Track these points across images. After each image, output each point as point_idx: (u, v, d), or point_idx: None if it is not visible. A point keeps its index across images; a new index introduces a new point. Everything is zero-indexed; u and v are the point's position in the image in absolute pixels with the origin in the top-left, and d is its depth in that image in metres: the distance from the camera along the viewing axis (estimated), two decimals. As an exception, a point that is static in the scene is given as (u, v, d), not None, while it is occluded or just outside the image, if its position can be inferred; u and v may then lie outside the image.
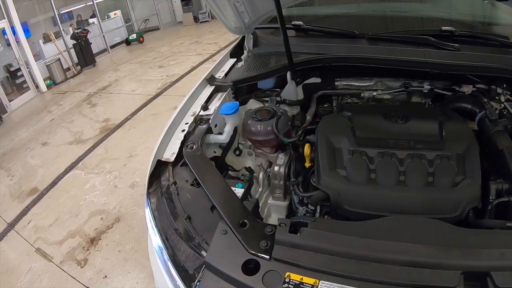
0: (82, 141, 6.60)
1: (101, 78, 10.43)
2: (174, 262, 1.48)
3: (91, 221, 4.42)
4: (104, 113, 7.68)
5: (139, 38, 14.20)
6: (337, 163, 1.84)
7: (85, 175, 5.45)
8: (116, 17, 14.86)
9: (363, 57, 2.37)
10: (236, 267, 1.27)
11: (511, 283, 1.21)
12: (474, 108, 2.27)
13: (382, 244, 1.32)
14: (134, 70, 10.62)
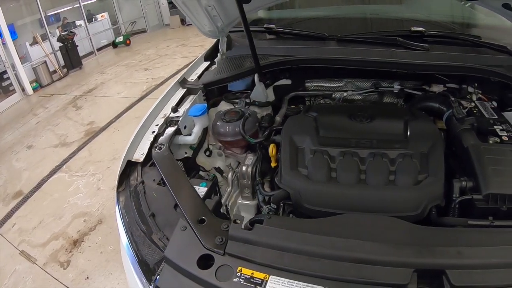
0: (66, 144, 6.60)
1: (87, 80, 10.40)
2: (138, 257, 1.51)
3: (74, 223, 4.45)
4: (89, 116, 7.68)
5: (125, 41, 14.14)
6: (299, 163, 1.88)
7: (69, 178, 5.46)
8: (103, 20, 14.78)
9: (330, 59, 2.41)
10: (192, 262, 1.31)
11: (467, 281, 1.22)
12: (442, 107, 2.31)
13: (332, 240, 1.35)
14: (120, 73, 10.61)
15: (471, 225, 1.62)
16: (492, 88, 2.47)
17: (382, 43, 2.50)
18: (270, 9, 3.56)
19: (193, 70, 2.80)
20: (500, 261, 1.29)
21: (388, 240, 1.38)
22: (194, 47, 12.02)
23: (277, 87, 2.64)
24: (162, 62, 10.87)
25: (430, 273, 1.27)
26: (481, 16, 3.12)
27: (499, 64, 2.33)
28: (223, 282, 1.25)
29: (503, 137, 1.99)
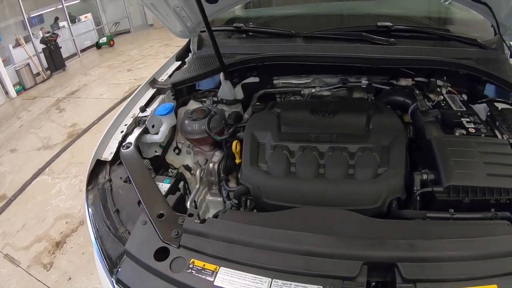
0: (49, 146, 6.62)
1: (70, 82, 10.37)
2: (102, 251, 1.57)
3: (56, 225, 4.49)
4: (72, 118, 7.69)
5: (109, 42, 14.08)
6: (259, 158, 1.92)
7: (51, 180, 5.49)
8: (86, 20, 14.70)
9: (293, 55, 2.44)
10: (149, 254, 1.37)
11: (419, 274, 1.24)
12: (407, 101, 2.33)
13: (281, 233, 1.38)
14: (103, 74, 10.58)
15: (430, 218, 1.64)
16: (461, 81, 2.50)
17: (347, 39, 2.52)
18: (247, 8, 3.59)
19: (164, 70, 2.83)
20: (455, 254, 1.30)
21: (339, 233, 1.41)
22: (177, 47, 11.67)
23: (246, 85, 2.67)
24: (145, 63, 10.87)
25: (382, 266, 1.28)
26: (456, 11, 3.15)
27: (468, 57, 2.35)
28: (177, 273, 1.31)
29: (469, 129, 2.00)
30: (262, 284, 1.24)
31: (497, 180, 1.65)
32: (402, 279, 1.23)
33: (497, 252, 1.31)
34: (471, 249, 1.32)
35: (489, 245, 1.34)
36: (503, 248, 1.32)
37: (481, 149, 1.79)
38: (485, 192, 1.65)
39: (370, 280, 1.28)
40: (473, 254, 1.30)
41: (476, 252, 1.31)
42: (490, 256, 1.29)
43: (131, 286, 1.38)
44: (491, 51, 2.51)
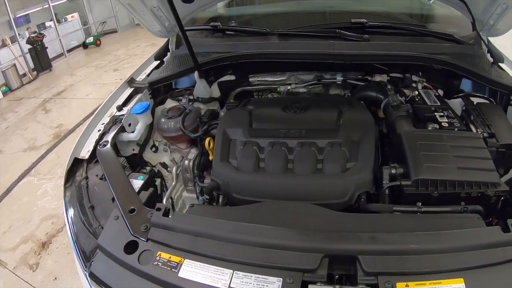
0: (35, 147, 6.63)
1: (57, 83, 10.35)
2: (77, 246, 1.62)
3: (42, 225, 4.52)
4: (57, 119, 7.70)
5: (96, 41, 14.02)
6: (230, 154, 1.96)
7: (37, 181, 5.51)
8: (73, 20, 14.61)
9: (267, 53, 2.48)
10: (119, 248, 1.43)
11: (380, 267, 1.25)
12: (379, 96, 2.36)
13: (242, 226, 1.43)
14: (90, 74, 10.58)
15: (396, 211, 1.66)
16: (437, 77, 2.53)
17: (322, 36, 2.55)
18: (229, 6, 3.63)
19: (143, 69, 2.87)
20: (418, 247, 1.31)
21: (301, 226, 1.44)
22: (164, 47, 11.92)
23: (222, 83, 2.71)
24: (132, 62, 10.80)
25: (344, 259, 1.31)
26: (436, 7, 3.21)
27: (443, 52, 2.39)
28: (144, 266, 1.36)
29: (442, 123, 2.04)
30: (224, 276, 1.28)
31: (468, 174, 1.67)
32: (363, 272, 1.25)
33: (464, 245, 1.33)
34: (436, 242, 1.34)
35: (456, 238, 1.35)
36: (471, 242, 1.34)
37: (453, 143, 1.81)
38: (455, 186, 1.66)
39: (333, 273, 1.30)
40: (438, 247, 1.32)
41: (441, 245, 1.33)
42: (457, 250, 1.31)
43: (102, 278, 1.43)
44: (467, 46, 2.54)
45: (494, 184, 1.66)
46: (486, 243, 1.33)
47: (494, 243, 1.33)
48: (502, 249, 1.31)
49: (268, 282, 1.25)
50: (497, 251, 1.31)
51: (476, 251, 1.31)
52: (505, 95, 2.27)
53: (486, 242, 1.33)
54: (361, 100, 2.41)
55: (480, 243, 1.33)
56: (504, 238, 1.34)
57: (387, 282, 1.22)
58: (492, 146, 1.89)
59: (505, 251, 1.31)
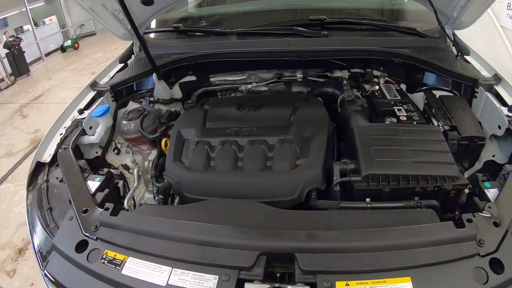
0: (12, 153, 6.61)
1: (35, 87, 10.28)
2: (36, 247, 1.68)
3: (19, 232, 4.53)
4: (34, 124, 7.67)
5: (74, 44, 13.91)
6: (183, 154, 1.99)
7: (14, 188, 5.52)
8: (51, 23, 14.46)
9: (224, 52, 2.51)
10: (72, 247, 1.49)
11: (318, 265, 1.26)
12: (336, 91, 2.40)
13: (182, 224, 1.48)
14: (67, 78, 10.55)
15: (344, 208, 1.66)
16: (399, 71, 2.58)
17: (280, 34, 2.57)
18: (200, 6, 3.66)
19: (107, 72, 2.89)
20: (359, 244, 1.32)
21: (242, 223, 1.45)
22: (140, 49, 11.88)
23: (183, 84, 2.76)
24: (109, 65, 10.72)
25: (283, 256, 1.32)
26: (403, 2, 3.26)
27: (404, 46, 2.42)
28: (92, 264, 1.42)
29: (401, 117, 2.06)
30: (163, 273, 1.32)
31: (424, 168, 1.66)
32: (300, 270, 1.26)
33: (412, 242, 1.32)
34: (381, 239, 1.34)
35: (404, 234, 1.35)
36: (420, 238, 1.34)
37: (409, 137, 1.81)
38: (409, 180, 1.66)
39: (275, 271, 1.33)
40: (383, 245, 1.32)
41: (386, 242, 1.32)
42: (404, 247, 1.31)
43: (56, 277, 1.48)
44: (430, 39, 2.58)
45: (452, 177, 1.65)
46: (437, 240, 1.33)
47: (446, 239, 1.33)
48: (455, 245, 1.31)
49: (205, 279, 1.28)
50: (449, 248, 1.31)
51: (426, 248, 1.31)
52: (469, 87, 2.30)
53: (437, 238, 1.33)
54: (318, 96, 2.45)
55: (430, 239, 1.33)
56: (457, 234, 1.34)
57: (325, 280, 1.22)
58: (453, 139, 1.92)
59: (458, 247, 1.31)
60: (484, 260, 1.29)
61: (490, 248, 1.33)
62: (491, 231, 1.39)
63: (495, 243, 1.34)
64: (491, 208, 1.48)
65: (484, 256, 1.31)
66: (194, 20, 3.40)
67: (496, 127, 1.99)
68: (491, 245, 1.33)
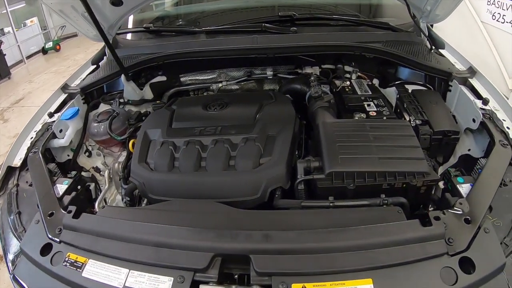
0: (-7, 158, 6.56)
1: (16, 91, 10.19)
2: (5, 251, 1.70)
3: (0, 238, 4.53)
4: (15, 128, 7.58)
5: (55, 46, 13.78)
6: (149, 155, 1.99)
7: (-6, 194, 5.47)
8: (32, 25, 14.33)
9: (191, 51, 2.51)
10: (37, 250, 1.51)
11: (273, 267, 1.25)
12: (304, 88, 2.41)
13: (139, 226, 1.48)
14: (48, 81, 10.47)
15: (305, 207, 1.65)
16: (371, 66, 2.60)
17: (248, 31, 2.60)
18: (177, 5, 3.69)
19: (78, 74, 2.90)
20: (316, 245, 1.30)
21: (201, 224, 1.45)
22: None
23: (154, 85, 2.76)
24: (90, 67, 10.63)
25: (240, 258, 1.31)
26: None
27: (376, 40, 2.43)
28: (55, 266, 1.45)
29: (370, 112, 2.07)
30: (121, 275, 1.34)
31: (391, 164, 1.64)
32: (255, 272, 1.26)
33: (374, 242, 1.30)
34: (341, 240, 1.32)
35: (366, 234, 1.33)
36: (383, 238, 1.31)
37: (377, 132, 1.80)
38: (375, 177, 1.64)
39: (233, 273, 1.33)
40: (343, 245, 1.30)
41: (346, 243, 1.31)
42: (366, 247, 1.29)
43: (22, 281, 1.51)
44: (403, 33, 2.59)
45: (422, 173, 1.64)
46: (402, 239, 1.30)
47: (411, 238, 1.30)
48: (421, 245, 1.29)
49: (160, 281, 1.29)
50: (415, 247, 1.28)
51: (390, 248, 1.28)
52: (443, 81, 2.31)
53: (402, 238, 1.31)
54: (287, 93, 2.46)
55: (394, 239, 1.30)
56: (423, 233, 1.32)
57: (281, 283, 1.22)
58: (425, 134, 1.93)
59: (425, 247, 1.28)
60: (453, 259, 1.27)
61: (460, 246, 1.30)
62: (462, 229, 1.36)
63: (465, 241, 1.32)
64: (462, 205, 1.45)
65: (453, 255, 1.28)
66: (171, 19, 3.42)
67: (470, 121, 1.99)
68: (462, 244, 1.31)
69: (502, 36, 5.62)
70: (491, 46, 5.84)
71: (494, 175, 1.60)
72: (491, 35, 5.89)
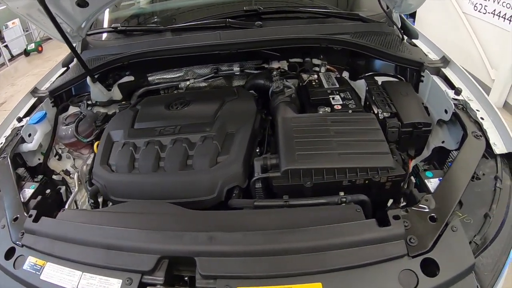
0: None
1: (-2, 94, 10.13)
2: None
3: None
4: (-3, 133, 7.53)
5: (37, 48, 13.73)
6: (111, 157, 2.00)
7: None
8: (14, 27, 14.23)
9: (155, 50, 2.53)
10: (1, 254, 1.54)
11: (217, 270, 1.24)
12: (266, 83, 2.42)
13: (92, 229, 1.49)
14: (30, 83, 9.99)
15: (258, 207, 1.62)
16: (341, 58, 2.60)
17: (213, 27, 2.60)
18: (153, 2, 3.68)
19: (49, 77, 2.91)
20: (262, 247, 1.28)
21: (149, 226, 1.45)
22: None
23: (122, 85, 2.77)
24: (71, 67, 10.55)
25: (187, 260, 1.30)
26: None
27: (344, 32, 2.43)
28: (17, 270, 1.47)
29: (335, 106, 2.07)
30: (74, 278, 1.36)
31: (352, 159, 1.61)
32: (200, 275, 1.25)
33: (326, 244, 1.26)
34: (289, 242, 1.28)
35: (317, 235, 1.28)
36: (336, 239, 1.26)
37: (339, 127, 1.77)
38: (335, 174, 1.61)
39: (182, 275, 1.33)
40: (291, 247, 1.26)
41: (295, 244, 1.27)
42: (316, 249, 1.25)
43: None
44: (373, 24, 2.61)
45: (385, 168, 1.60)
46: (357, 240, 1.25)
47: (366, 240, 1.25)
48: (378, 246, 1.23)
49: (109, 283, 1.30)
50: (370, 249, 1.23)
51: (343, 250, 1.23)
52: (415, 71, 2.30)
53: (356, 239, 1.26)
54: (252, 89, 2.48)
55: (347, 240, 1.25)
56: (380, 234, 1.26)
57: (226, 286, 1.20)
58: (392, 127, 1.91)
59: (382, 248, 1.23)
60: (414, 261, 1.21)
61: (423, 247, 1.24)
62: (426, 228, 1.31)
63: (430, 241, 1.26)
64: (428, 201, 1.40)
65: (415, 256, 1.22)
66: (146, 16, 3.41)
67: (442, 112, 1.98)
68: (425, 244, 1.25)
69: (484, 27, 5.73)
70: (473, 37, 5.94)
71: (465, 168, 1.55)
72: (473, 26, 5.99)
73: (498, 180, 1.53)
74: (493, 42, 5.59)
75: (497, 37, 5.44)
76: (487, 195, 1.48)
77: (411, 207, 1.40)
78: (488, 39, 5.72)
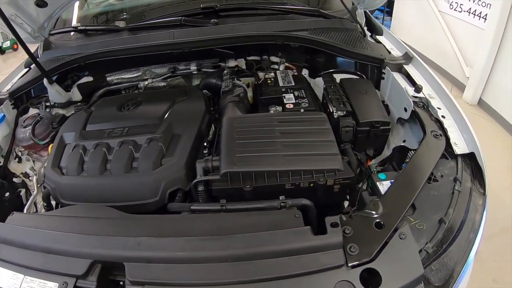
0: None
1: (-28, 95, 9.99)
2: None
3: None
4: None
5: (13, 46, 13.57)
6: (62, 159, 1.98)
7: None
8: (-12, 24, 14.04)
9: (110, 50, 2.50)
10: None
11: (144, 276, 1.23)
12: (218, 82, 2.42)
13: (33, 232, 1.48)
14: (4, 82, 10.23)
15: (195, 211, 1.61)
16: (300, 55, 2.61)
17: (168, 26, 2.59)
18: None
19: (10, 79, 2.87)
20: (185, 254, 1.26)
21: (85, 230, 1.43)
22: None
23: (82, 85, 2.75)
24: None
25: (119, 265, 1.29)
26: None
27: (303, 28, 2.41)
28: None
29: (287, 105, 2.05)
30: (17, 281, 1.35)
31: (296, 162, 1.57)
32: (128, 281, 1.24)
33: (254, 252, 1.23)
34: (216, 249, 1.26)
35: (247, 243, 1.25)
36: (266, 248, 1.23)
37: (286, 127, 1.74)
38: (277, 177, 1.59)
39: (118, 280, 1.32)
40: (214, 255, 1.24)
41: (220, 252, 1.25)
42: (243, 258, 1.22)
43: None
44: (334, 20, 2.59)
45: (333, 170, 1.57)
46: (290, 249, 1.21)
47: (300, 248, 1.21)
48: (313, 255, 1.19)
49: (47, 287, 1.30)
50: (304, 258, 1.19)
51: (273, 259, 1.20)
52: (376, 68, 2.29)
53: (290, 247, 1.22)
54: (205, 88, 2.48)
55: (280, 248, 1.22)
56: (314, 242, 1.22)
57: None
58: (346, 126, 1.89)
59: (316, 258, 1.18)
60: (353, 272, 1.15)
61: (365, 256, 1.18)
62: (371, 235, 1.25)
63: (373, 249, 1.20)
64: (375, 206, 1.34)
65: (355, 266, 1.17)
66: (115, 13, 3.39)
67: (402, 110, 1.97)
68: (367, 252, 1.19)
69: (459, 25, 5.82)
70: (449, 35, 6.02)
71: (420, 170, 1.51)
72: (449, 24, 6.08)
73: (457, 182, 1.48)
74: (468, 40, 5.68)
75: (472, 35, 5.53)
76: (444, 199, 1.43)
77: (356, 213, 1.35)
78: (463, 37, 5.80)
